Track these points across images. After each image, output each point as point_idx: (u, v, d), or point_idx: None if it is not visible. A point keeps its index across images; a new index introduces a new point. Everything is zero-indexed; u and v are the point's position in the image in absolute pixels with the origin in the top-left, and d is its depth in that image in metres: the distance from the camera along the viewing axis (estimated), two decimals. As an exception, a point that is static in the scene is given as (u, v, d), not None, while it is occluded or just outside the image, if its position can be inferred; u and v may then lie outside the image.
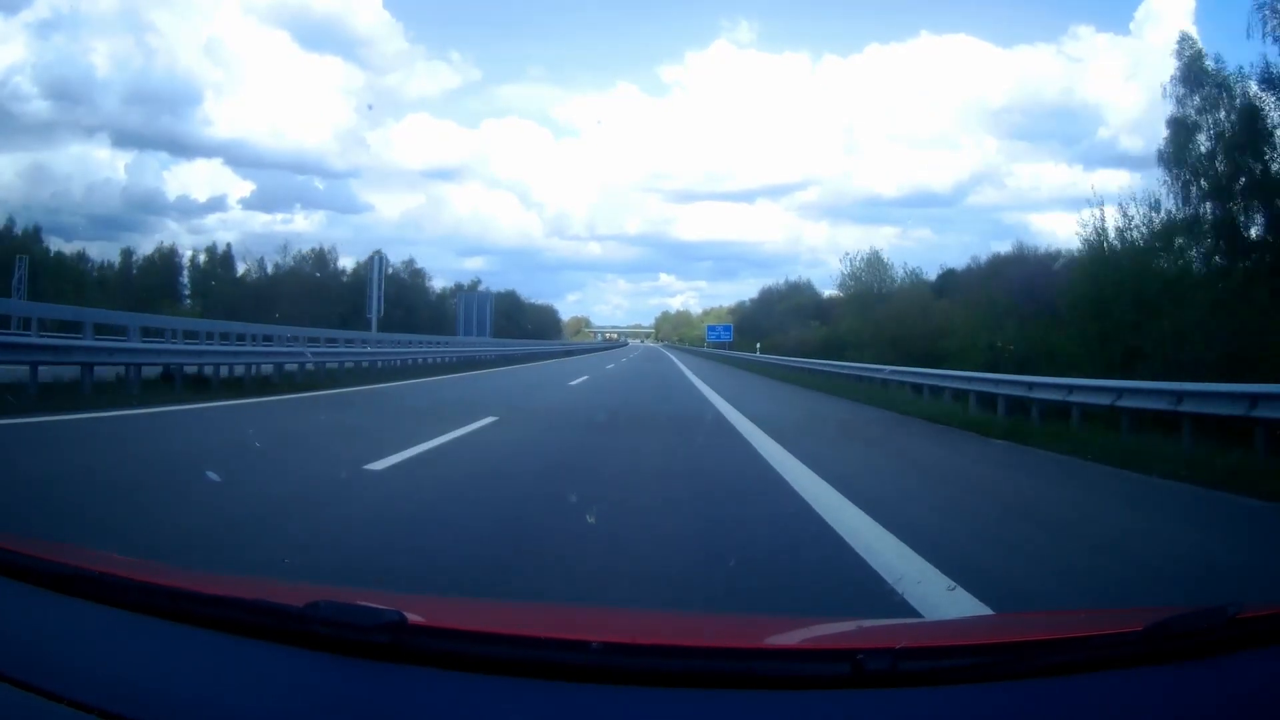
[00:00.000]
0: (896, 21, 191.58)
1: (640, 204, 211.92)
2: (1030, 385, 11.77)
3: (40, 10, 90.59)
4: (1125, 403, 9.55)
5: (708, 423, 11.78)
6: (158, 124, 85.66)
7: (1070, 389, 10.77)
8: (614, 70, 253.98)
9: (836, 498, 5.42)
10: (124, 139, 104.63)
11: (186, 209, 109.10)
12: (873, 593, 3.36)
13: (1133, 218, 16.78)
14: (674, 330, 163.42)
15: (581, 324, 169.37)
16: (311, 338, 27.05)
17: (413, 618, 1.17)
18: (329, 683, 1.15)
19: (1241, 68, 15.79)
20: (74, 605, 1.38)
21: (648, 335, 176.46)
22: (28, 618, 1.39)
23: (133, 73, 79.51)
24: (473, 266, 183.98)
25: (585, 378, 24.32)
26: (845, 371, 23.17)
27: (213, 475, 5.28)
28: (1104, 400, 9.98)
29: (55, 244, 58.28)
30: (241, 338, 23.81)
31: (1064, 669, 1.18)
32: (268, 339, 24.47)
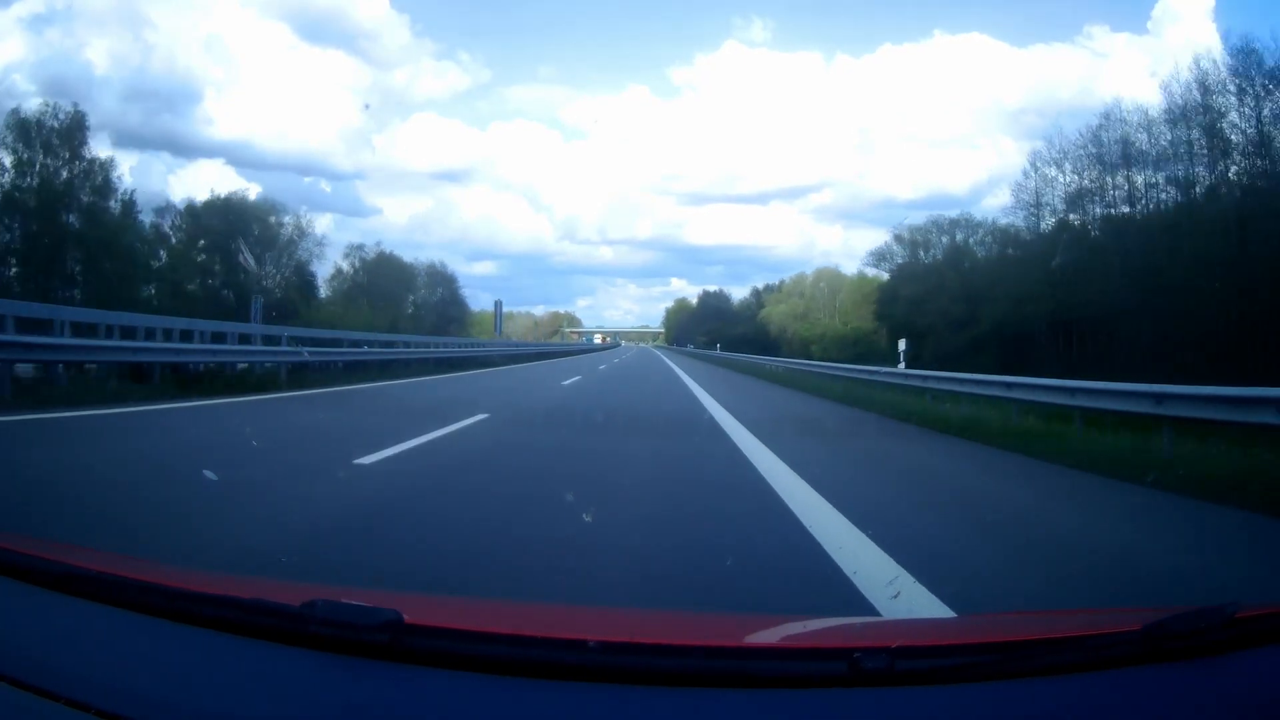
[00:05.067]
0: (909, 21, 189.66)
1: (651, 207, 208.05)
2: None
3: (34, 4, 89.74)
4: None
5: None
6: (158, 123, 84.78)
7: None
8: (625, 72, 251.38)
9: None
10: (124, 139, 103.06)
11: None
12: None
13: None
14: (699, 328, 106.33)
15: (563, 320, 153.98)
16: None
17: (410, 617, 1.17)
18: (326, 682, 1.15)
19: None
20: (71, 604, 1.38)
21: (656, 336, 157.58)
22: (25, 616, 1.38)
23: (131, 70, 78.46)
24: (482, 271, 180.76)
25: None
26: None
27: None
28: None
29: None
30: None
31: (1062, 668, 1.18)
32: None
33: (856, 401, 15.80)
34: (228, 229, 46.46)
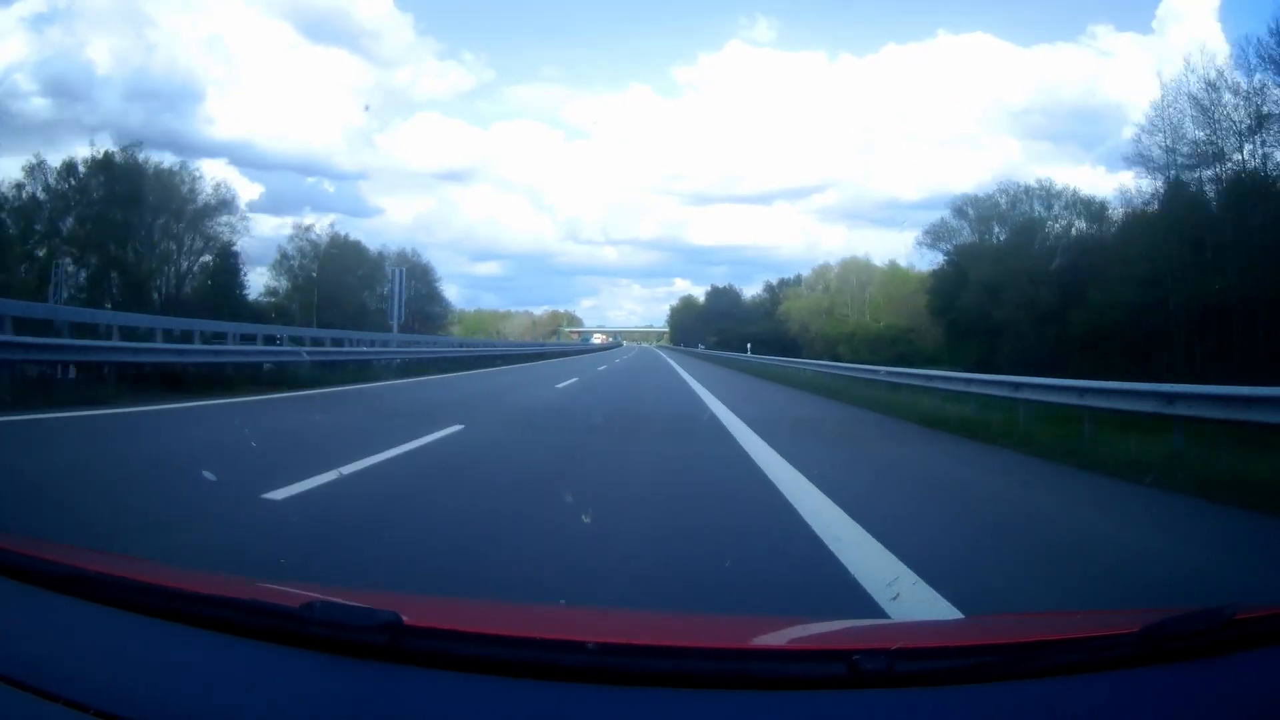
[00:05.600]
0: (913, 21, 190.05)
1: (655, 207, 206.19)
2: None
3: (36, 3, 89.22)
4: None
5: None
6: (160, 123, 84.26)
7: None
8: (628, 71, 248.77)
9: None
10: (127, 139, 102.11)
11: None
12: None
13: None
14: (706, 327, 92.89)
15: (562, 320, 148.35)
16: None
17: (408, 618, 1.17)
18: (325, 683, 1.15)
19: None
20: (70, 605, 1.38)
21: (661, 336, 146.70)
22: (24, 617, 1.38)
23: (133, 69, 77.80)
24: (486, 271, 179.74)
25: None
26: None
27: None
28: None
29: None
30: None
31: (1061, 670, 1.18)
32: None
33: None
34: (114, 195, 36.86)
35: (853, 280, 64.54)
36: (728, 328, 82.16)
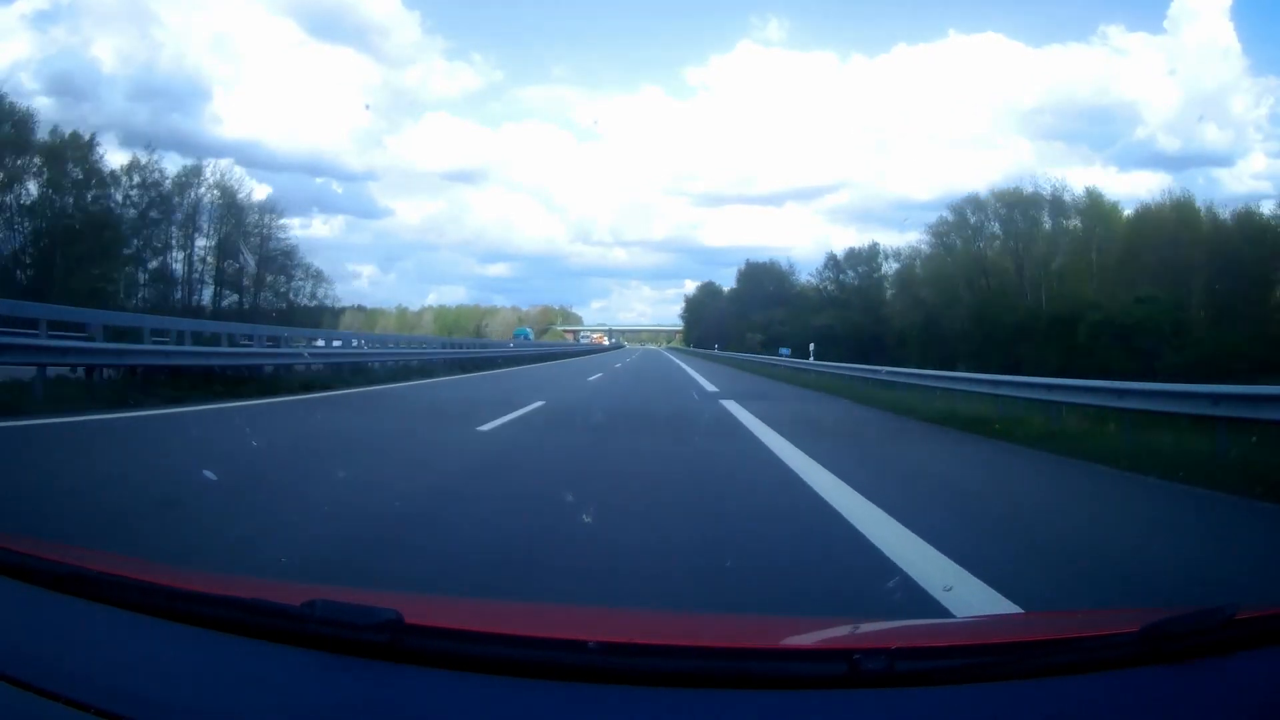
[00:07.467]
0: (924, 21, 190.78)
1: (665, 208, 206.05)
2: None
3: (39, 1, 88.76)
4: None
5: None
6: (166, 122, 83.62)
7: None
8: (639, 72, 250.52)
9: None
10: (131, 139, 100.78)
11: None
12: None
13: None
14: (741, 322, 70.43)
15: (557, 317, 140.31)
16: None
17: (410, 617, 1.17)
18: (326, 682, 1.15)
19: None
20: (71, 604, 1.38)
21: (672, 337, 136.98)
22: (25, 616, 1.38)
23: (138, 67, 77.07)
24: (496, 272, 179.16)
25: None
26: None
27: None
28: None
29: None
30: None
31: (1061, 669, 1.18)
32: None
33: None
34: None
35: (1020, 224, 36.29)
36: (780, 319, 55.16)
